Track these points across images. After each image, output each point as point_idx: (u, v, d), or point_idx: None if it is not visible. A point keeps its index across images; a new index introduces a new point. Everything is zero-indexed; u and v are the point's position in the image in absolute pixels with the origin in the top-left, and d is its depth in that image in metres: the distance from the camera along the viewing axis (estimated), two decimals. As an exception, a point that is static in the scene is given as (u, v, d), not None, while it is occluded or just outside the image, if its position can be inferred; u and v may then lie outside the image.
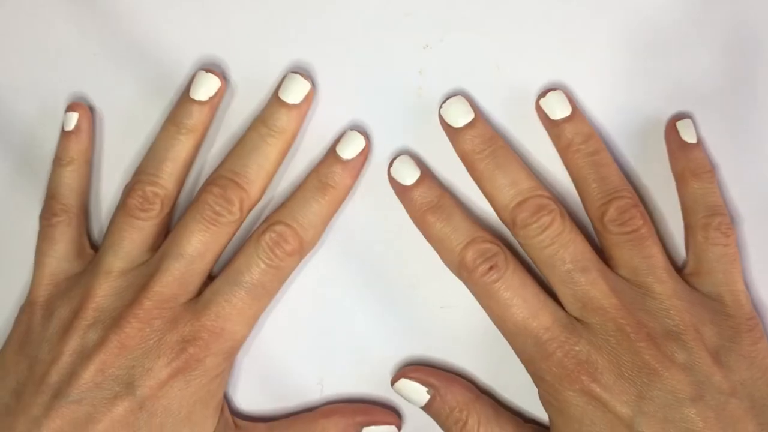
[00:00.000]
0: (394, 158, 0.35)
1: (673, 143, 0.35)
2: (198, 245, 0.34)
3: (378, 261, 0.36)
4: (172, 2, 0.36)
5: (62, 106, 0.37)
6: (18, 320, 0.35)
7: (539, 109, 0.35)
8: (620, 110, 0.36)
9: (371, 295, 0.36)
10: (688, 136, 0.35)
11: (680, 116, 0.36)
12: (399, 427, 0.36)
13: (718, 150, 0.36)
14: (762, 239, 0.36)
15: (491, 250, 0.34)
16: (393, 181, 0.35)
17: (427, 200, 0.35)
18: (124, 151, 0.37)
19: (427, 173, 0.35)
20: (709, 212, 0.34)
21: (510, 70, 0.36)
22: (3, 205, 0.37)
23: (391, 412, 0.36)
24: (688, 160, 0.35)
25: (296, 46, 0.36)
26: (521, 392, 0.36)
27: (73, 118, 0.36)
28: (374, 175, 0.36)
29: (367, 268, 0.36)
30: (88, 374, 0.32)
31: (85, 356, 0.33)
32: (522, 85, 0.36)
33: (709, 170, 0.35)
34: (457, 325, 0.36)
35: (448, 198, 0.35)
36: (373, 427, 0.35)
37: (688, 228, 0.35)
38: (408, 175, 0.35)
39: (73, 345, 0.33)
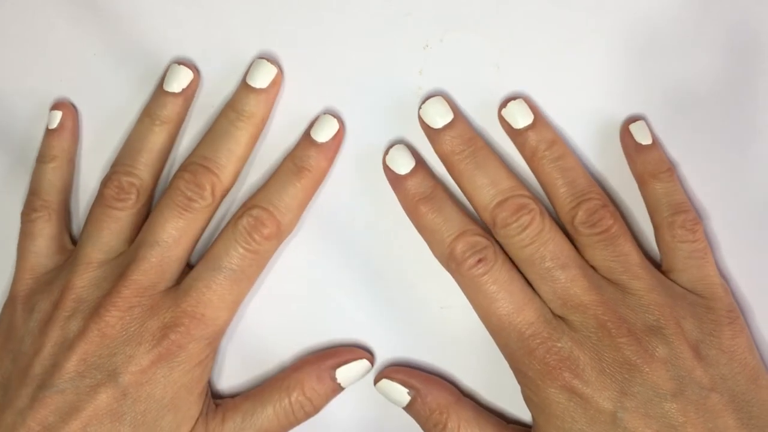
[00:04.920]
0: (390, 146, 0.35)
1: (629, 146, 0.35)
2: (173, 232, 0.34)
3: (378, 261, 0.36)
4: (172, 4, 0.36)
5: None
6: (0, 317, 0.35)
7: (502, 119, 0.35)
8: (619, 108, 0.36)
9: (371, 295, 0.36)
10: (642, 137, 0.35)
11: (633, 119, 0.35)
12: (372, 362, 0.36)
13: (716, 148, 0.36)
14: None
15: (481, 243, 0.34)
16: (387, 170, 0.35)
17: (420, 190, 0.35)
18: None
19: (422, 163, 0.35)
20: (672, 210, 0.34)
21: (510, 70, 0.36)
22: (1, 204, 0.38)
23: (358, 349, 0.36)
24: (646, 162, 0.35)
25: (297, 46, 0.36)
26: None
27: (57, 116, 0.36)
28: (375, 173, 0.36)
29: (368, 267, 0.36)
30: (71, 364, 0.33)
31: (66, 347, 0.33)
32: (521, 85, 0.36)
33: (668, 168, 0.35)
34: (457, 326, 0.36)
35: (441, 190, 0.35)
36: (344, 367, 0.35)
37: (656, 228, 0.35)
38: (403, 164, 0.35)
39: (54, 336, 0.33)
